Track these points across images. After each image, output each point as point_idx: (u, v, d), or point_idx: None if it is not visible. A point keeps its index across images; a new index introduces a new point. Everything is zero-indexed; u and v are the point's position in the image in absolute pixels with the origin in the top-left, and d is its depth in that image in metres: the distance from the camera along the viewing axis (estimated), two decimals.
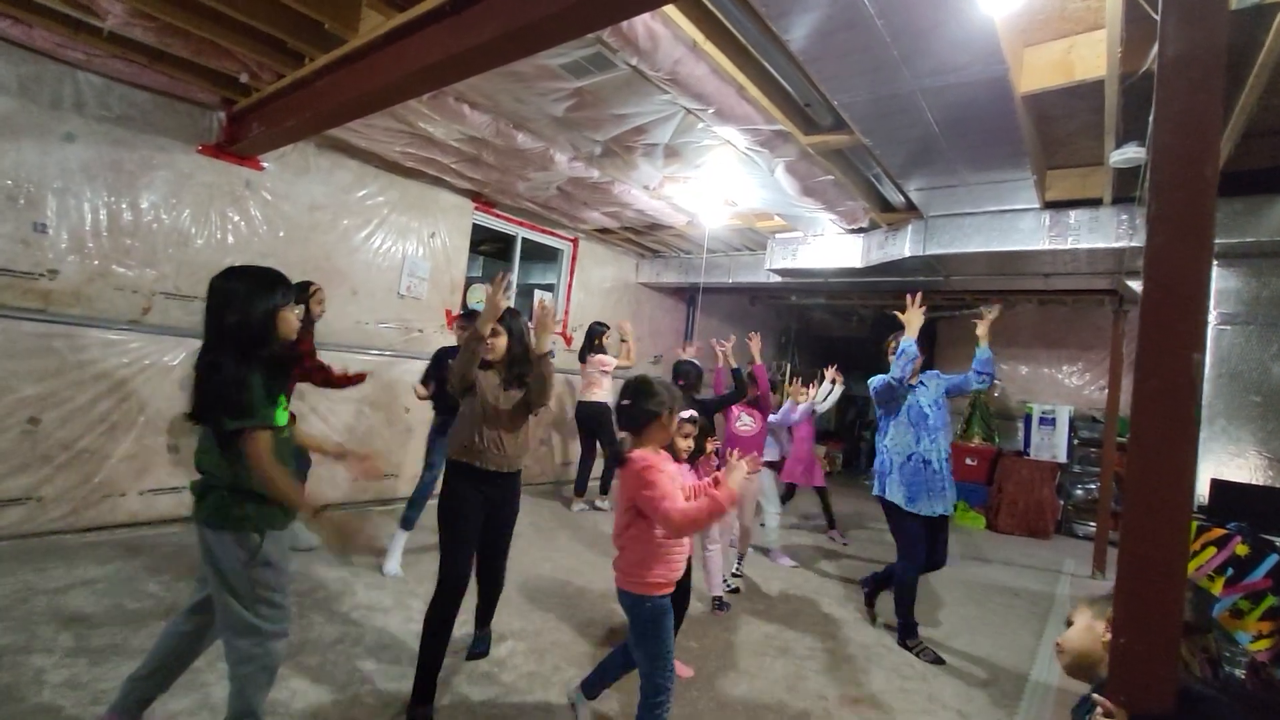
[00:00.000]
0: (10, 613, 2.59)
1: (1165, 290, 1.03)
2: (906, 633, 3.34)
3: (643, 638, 2.02)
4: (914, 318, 3.39)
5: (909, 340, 3.35)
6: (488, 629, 2.78)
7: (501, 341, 2.55)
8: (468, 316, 4.35)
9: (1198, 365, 1.01)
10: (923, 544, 3.32)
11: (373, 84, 2.81)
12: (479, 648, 2.73)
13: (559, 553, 4.30)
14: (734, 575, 3.99)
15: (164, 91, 3.74)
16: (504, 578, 2.69)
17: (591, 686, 2.37)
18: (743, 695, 2.66)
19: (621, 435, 2.14)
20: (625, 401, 2.09)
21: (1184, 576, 1.05)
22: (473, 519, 2.40)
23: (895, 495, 3.35)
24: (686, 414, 2.90)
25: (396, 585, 3.39)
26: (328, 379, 3.58)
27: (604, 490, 5.77)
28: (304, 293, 3.54)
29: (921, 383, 3.52)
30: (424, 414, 4.48)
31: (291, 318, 1.83)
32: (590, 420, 5.58)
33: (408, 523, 3.66)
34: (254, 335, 1.72)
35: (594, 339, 5.69)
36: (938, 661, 3.19)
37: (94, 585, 2.93)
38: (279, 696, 2.24)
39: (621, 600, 2.08)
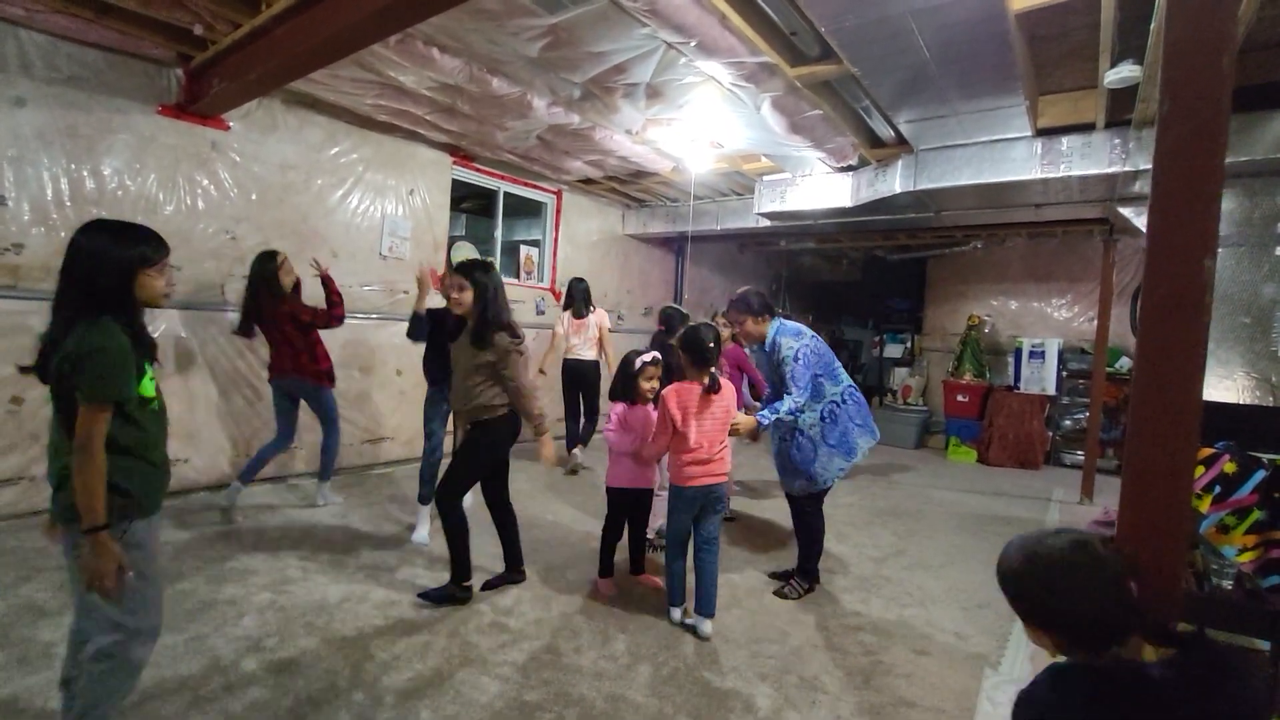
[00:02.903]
0: (15, 590, 2.59)
1: (1176, 190, 0.99)
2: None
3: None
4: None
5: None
6: (450, 585, 2.80)
7: (468, 296, 2.66)
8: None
9: (1210, 271, 0.98)
10: None
11: (335, 27, 2.65)
12: (433, 590, 2.81)
13: (558, 504, 4.34)
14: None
15: (115, 49, 3.54)
16: (511, 518, 3.02)
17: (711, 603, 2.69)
18: (745, 630, 2.73)
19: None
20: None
21: (1190, 484, 1.04)
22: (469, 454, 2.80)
23: None
24: (649, 356, 2.93)
25: (429, 553, 3.40)
26: (315, 318, 3.74)
27: (584, 442, 5.58)
28: (273, 263, 3.54)
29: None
30: (416, 376, 4.44)
31: (155, 282, 1.61)
32: (583, 378, 5.40)
33: (423, 499, 3.61)
34: (110, 295, 1.54)
35: (586, 297, 5.44)
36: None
37: None
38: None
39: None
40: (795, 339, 2.96)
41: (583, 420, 5.51)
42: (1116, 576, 0.94)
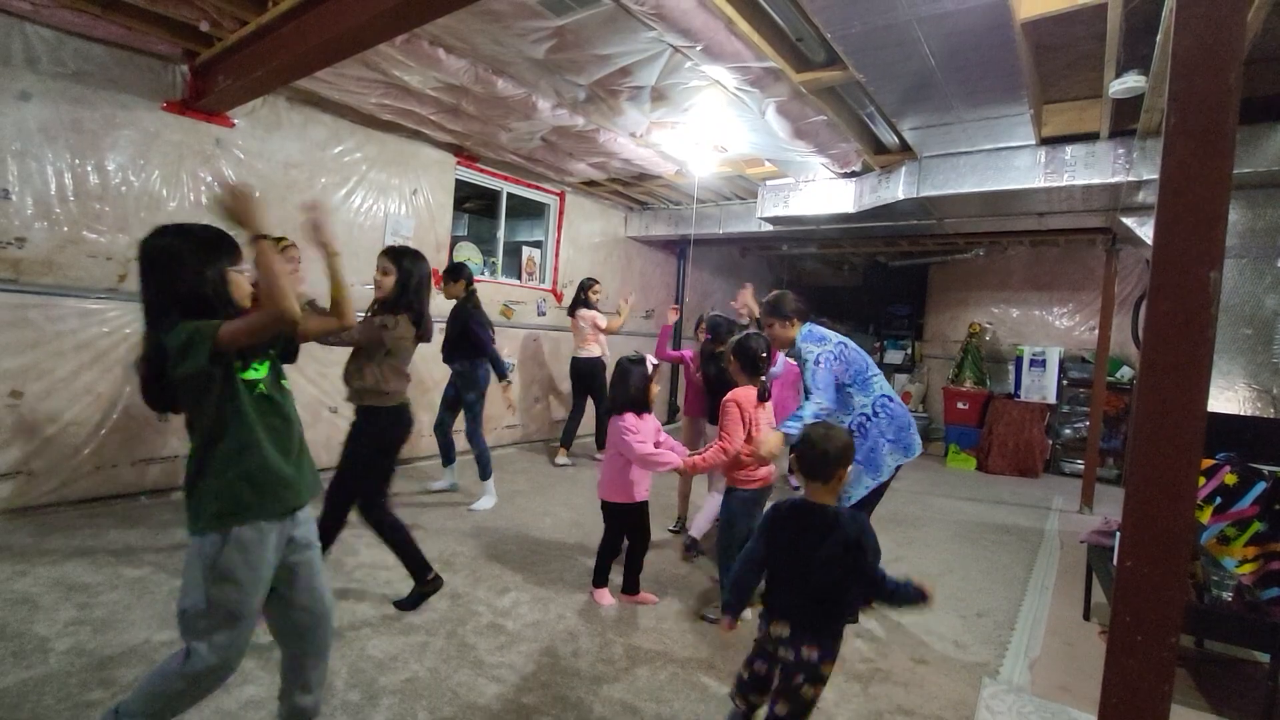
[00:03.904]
0: (10, 585, 2.59)
1: (1182, 205, 0.99)
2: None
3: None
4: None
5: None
6: (417, 586, 2.73)
7: (389, 280, 2.62)
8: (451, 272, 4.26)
9: (1215, 284, 0.98)
10: None
11: (341, 26, 2.66)
12: (402, 600, 2.73)
13: (557, 506, 4.34)
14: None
15: (121, 44, 3.54)
16: (376, 527, 2.66)
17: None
18: (744, 636, 2.72)
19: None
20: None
21: (1193, 500, 1.04)
22: None
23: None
24: (654, 359, 2.92)
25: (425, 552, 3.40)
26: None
27: (600, 445, 5.70)
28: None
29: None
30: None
31: (243, 280, 1.57)
32: (585, 376, 5.53)
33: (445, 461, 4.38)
34: (209, 303, 1.48)
35: (583, 293, 5.57)
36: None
37: (92, 556, 2.92)
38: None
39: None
40: (818, 345, 2.89)
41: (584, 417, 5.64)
42: (846, 445, 1.83)
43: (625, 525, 2.95)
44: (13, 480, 3.34)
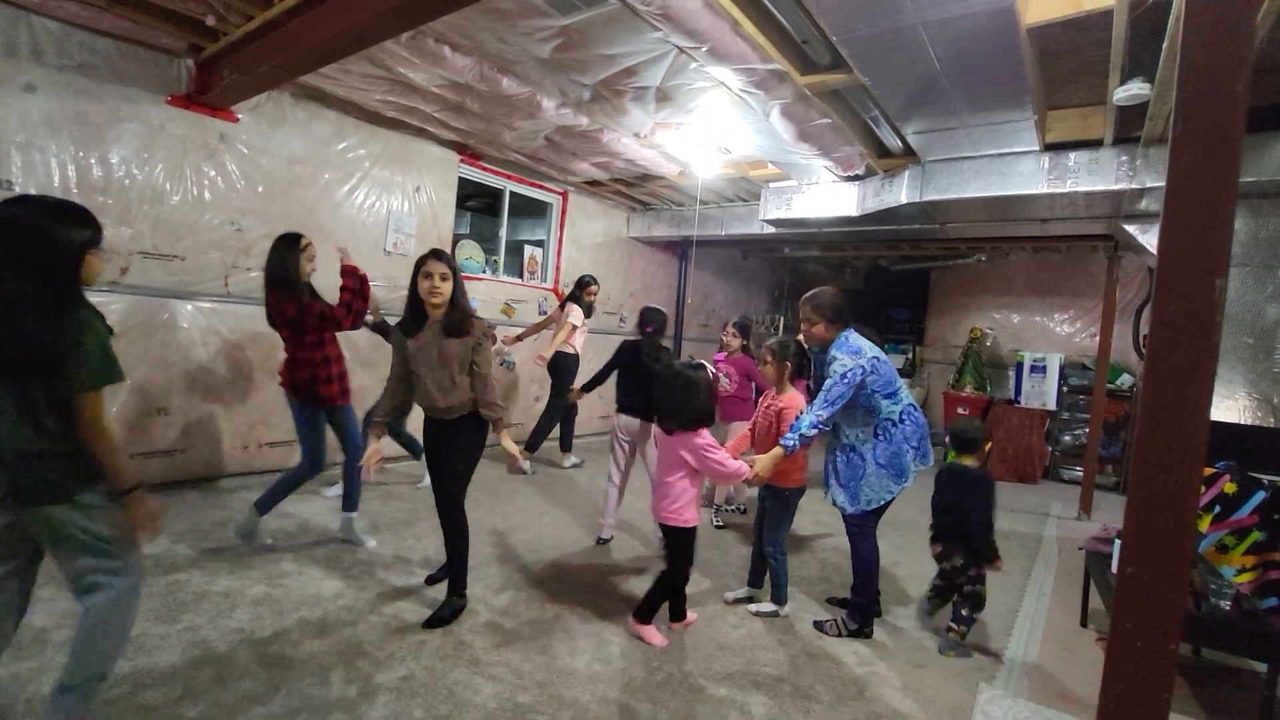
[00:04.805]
0: None
1: (1188, 211, 0.99)
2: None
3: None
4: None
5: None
6: (454, 597, 2.64)
7: (448, 286, 2.55)
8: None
9: (1220, 291, 0.98)
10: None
11: (346, 23, 2.66)
12: (443, 612, 2.59)
13: (557, 506, 4.33)
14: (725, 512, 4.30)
15: (127, 37, 3.54)
16: (454, 525, 2.63)
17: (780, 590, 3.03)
18: (739, 638, 2.72)
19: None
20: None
21: (1195, 507, 1.04)
22: (429, 450, 2.73)
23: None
24: (715, 371, 2.90)
25: (423, 550, 3.40)
26: (355, 309, 3.35)
27: (564, 448, 5.50)
28: (296, 247, 3.12)
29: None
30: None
31: (99, 263, 1.63)
32: (555, 370, 5.27)
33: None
34: (70, 281, 1.55)
35: (578, 289, 5.37)
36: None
37: None
38: (281, 650, 2.26)
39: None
40: (853, 357, 2.79)
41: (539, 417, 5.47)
42: (984, 431, 2.89)
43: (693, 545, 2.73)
44: None
